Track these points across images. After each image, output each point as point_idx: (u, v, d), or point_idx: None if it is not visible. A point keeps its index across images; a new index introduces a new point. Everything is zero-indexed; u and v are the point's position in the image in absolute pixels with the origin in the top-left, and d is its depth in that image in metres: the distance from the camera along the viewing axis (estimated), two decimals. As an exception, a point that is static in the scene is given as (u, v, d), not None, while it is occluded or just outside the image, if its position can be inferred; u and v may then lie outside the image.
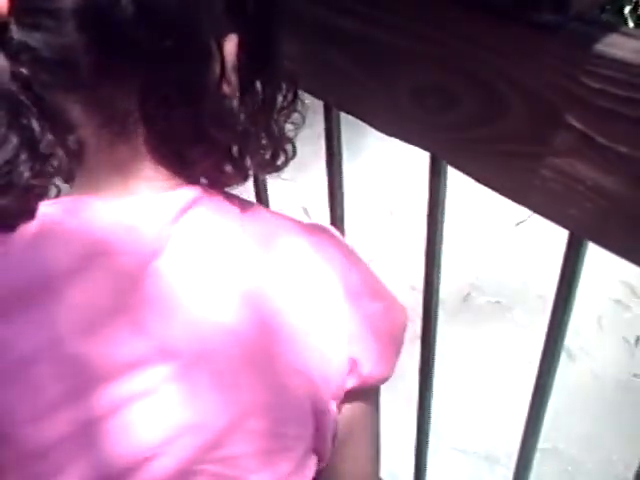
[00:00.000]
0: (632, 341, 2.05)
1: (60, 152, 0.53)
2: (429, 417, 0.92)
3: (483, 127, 0.55)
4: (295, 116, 0.61)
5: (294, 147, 0.62)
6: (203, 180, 0.59)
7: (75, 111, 0.52)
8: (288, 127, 0.61)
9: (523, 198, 0.56)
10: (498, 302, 2.17)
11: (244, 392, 0.54)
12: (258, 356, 0.55)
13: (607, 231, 0.52)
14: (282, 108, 0.60)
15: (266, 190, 0.93)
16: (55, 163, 0.53)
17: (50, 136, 0.52)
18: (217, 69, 0.52)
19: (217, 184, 0.59)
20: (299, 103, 0.61)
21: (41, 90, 0.51)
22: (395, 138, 0.63)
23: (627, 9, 5.17)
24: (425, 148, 0.61)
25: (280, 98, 0.59)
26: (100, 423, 0.51)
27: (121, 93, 0.51)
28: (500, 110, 0.54)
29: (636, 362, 2.00)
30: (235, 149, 0.58)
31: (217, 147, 0.56)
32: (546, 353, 0.67)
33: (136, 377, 0.52)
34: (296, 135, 0.62)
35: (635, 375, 1.97)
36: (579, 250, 0.58)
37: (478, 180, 0.58)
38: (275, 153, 0.61)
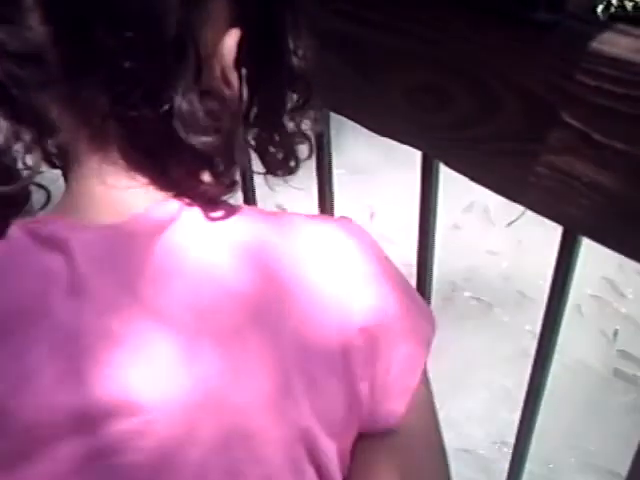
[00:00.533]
0: (611, 336, 2.07)
1: (37, 157, 0.50)
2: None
3: (478, 126, 0.56)
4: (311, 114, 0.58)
5: (311, 146, 0.59)
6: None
7: (53, 112, 0.50)
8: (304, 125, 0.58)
9: (518, 196, 0.56)
10: (479, 300, 2.19)
11: (250, 351, 0.49)
12: (266, 313, 0.50)
13: (603, 227, 0.52)
14: (295, 108, 0.57)
15: (254, 191, 0.93)
16: (32, 169, 0.50)
17: (27, 138, 0.49)
18: (191, 66, 0.48)
19: (198, 195, 0.52)
20: (315, 101, 0.57)
21: (16, 88, 0.47)
22: (389, 139, 0.63)
23: (600, 8, 5.24)
24: (419, 148, 0.61)
25: (293, 97, 0.56)
26: (95, 384, 0.47)
27: (93, 92, 0.48)
28: (495, 109, 0.54)
29: (615, 356, 2.03)
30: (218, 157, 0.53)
31: (193, 154, 0.50)
32: (541, 348, 0.67)
33: (133, 343, 0.48)
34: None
35: (615, 369, 2.00)
36: (573, 247, 0.58)
37: (472, 179, 0.59)
38: (288, 154, 0.58)
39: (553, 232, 0.59)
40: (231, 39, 0.51)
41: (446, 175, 0.66)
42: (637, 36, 0.47)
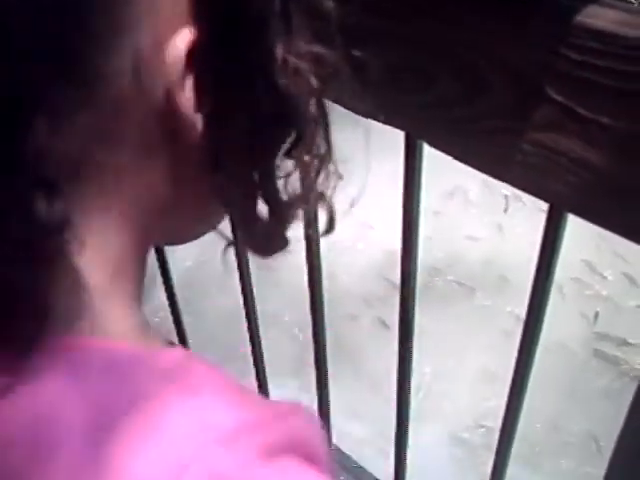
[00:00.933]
0: (591, 317, 2.09)
1: None
2: (408, 403, 0.92)
3: (464, 106, 0.55)
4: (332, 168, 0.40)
5: (332, 216, 0.43)
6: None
7: None
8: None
9: (504, 174, 0.56)
10: (461, 284, 2.20)
11: None
12: None
13: (591, 204, 0.52)
14: (289, 150, 0.39)
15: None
16: None
17: None
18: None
19: None
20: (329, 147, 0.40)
21: None
22: (368, 118, 0.62)
23: None
24: (402, 128, 0.61)
25: (283, 133, 0.39)
26: None
27: None
28: (481, 89, 0.53)
29: (595, 337, 2.05)
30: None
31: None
32: (527, 328, 0.67)
33: None
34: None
35: (595, 350, 2.02)
36: (559, 224, 0.58)
37: (457, 158, 0.58)
38: (274, 229, 0.41)
39: (534, 217, 0.59)
40: (178, 44, 0.34)
41: (427, 160, 0.66)
42: (623, 9, 0.47)
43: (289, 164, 0.40)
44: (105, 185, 0.35)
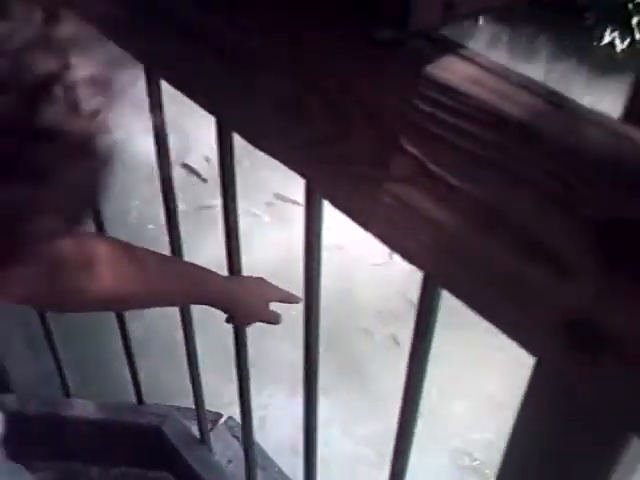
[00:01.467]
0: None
1: None
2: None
3: (333, 145, 0.52)
4: None
5: None
6: None
7: None
8: None
9: (371, 225, 0.52)
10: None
11: None
12: None
13: (442, 267, 0.48)
14: None
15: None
16: None
17: None
18: None
19: None
20: None
21: None
22: (264, 153, 0.60)
23: (635, 20, 5.05)
24: (283, 162, 0.58)
25: None
26: None
27: None
28: (346, 129, 0.50)
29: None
30: None
31: None
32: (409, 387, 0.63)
33: None
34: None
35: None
36: (431, 290, 0.54)
37: (330, 201, 0.55)
38: None
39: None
40: None
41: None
42: (481, 64, 0.43)
43: None
44: None
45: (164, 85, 0.74)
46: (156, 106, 0.76)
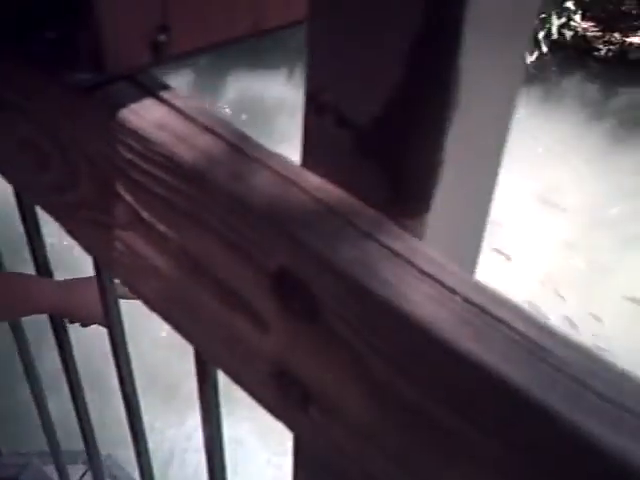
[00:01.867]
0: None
1: None
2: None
3: (68, 192, 0.50)
4: None
5: None
6: None
7: None
8: None
9: (112, 271, 0.50)
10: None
11: None
12: None
13: (175, 316, 0.46)
14: None
15: None
16: None
17: None
18: None
19: None
20: None
21: None
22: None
23: (541, 35, 5.27)
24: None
25: None
26: None
27: None
28: (75, 175, 0.48)
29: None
30: None
31: None
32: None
33: None
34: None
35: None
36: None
37: (88, 251, 0.53)
38: None
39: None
40: None
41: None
42: (173, 106, 0.42)
43: None
44: None
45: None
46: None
